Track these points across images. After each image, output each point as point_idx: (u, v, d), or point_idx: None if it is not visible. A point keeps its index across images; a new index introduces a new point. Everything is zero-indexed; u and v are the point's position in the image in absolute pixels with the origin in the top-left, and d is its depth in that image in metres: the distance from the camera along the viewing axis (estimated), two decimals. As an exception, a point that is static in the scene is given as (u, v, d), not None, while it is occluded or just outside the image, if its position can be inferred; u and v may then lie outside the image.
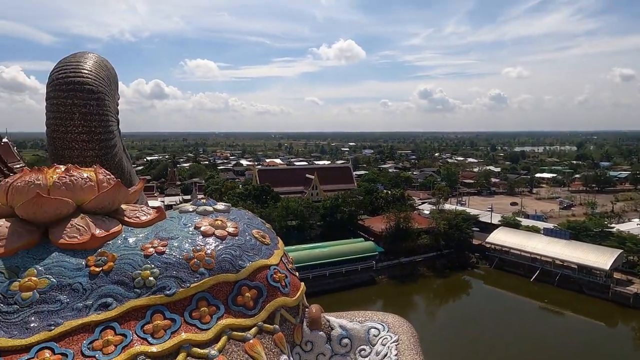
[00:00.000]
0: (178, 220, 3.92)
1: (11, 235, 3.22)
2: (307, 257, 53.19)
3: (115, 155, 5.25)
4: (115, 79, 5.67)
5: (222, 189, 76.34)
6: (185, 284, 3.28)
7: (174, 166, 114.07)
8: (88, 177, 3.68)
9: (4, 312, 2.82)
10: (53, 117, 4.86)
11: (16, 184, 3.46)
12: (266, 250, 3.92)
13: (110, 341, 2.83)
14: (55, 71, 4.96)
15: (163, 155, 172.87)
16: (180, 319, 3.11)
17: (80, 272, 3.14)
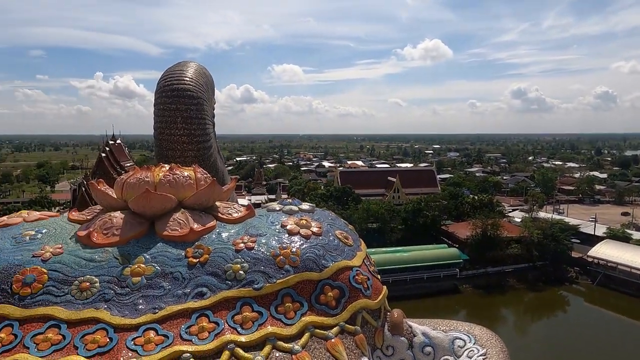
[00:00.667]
0: (266, 218, 4.11)
1: (124, 225, 3.64)
2: (387, 261, 52.43)
3: (211, 156, 5.67)
4: (212, 85, 6.13)
5: (305, 189, 78.40)
6: (272, 279, 3.43)
7: (260, 167, 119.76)
8: (188, 176, 4.03)
9: (118, 294, 3.19)
10: (159, 121, 5.39)
11: (129, 180, 3.90)
12: (349, 251, 3.95)
13: (204, 327, 3.07)
14: (161, 80, 5.50)
15: (251, 156, 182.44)
16: (266, 312, 3.26)
17: (180, 262, 3.45)
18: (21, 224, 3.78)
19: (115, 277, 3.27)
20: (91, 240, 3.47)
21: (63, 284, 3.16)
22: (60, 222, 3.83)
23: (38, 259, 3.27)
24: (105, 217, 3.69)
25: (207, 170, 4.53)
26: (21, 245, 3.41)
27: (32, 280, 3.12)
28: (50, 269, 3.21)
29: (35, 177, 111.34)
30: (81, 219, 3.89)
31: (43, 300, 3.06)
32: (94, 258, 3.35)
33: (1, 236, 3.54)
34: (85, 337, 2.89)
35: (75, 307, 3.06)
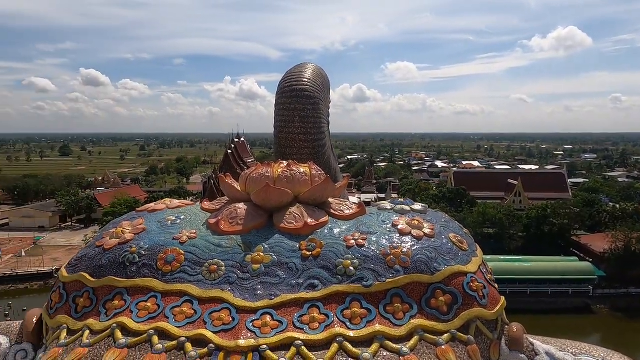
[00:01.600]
0: (377, 216, 4.11)
1: (247, 216, 3.97)
2: (505, 270, 48.42)
3: (325, 154, 5.87)
4: (328, 85, 6.33)
5: (416, 189, 76.42)
6: (382, 278, 3.43)
7: (371, 165, 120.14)
8: (304, 172, 4.23)
9: (240, 278, 3.49)
10: (279, 120, 5.75)
11: (252, 175, 4.24)
12: (463, 256, 3.75)
13: (315, 318, 3.19)
14: (282, 81, 5.86)
15: (362, 155, 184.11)
16: (375, 310, 3.27)
17: (294, 253, 3.64)
18: (165, 210, 4.36)
19: (238, 262, 3.58)
20: (219, 227, 3.86)
21: (196, 264, 3.57)
22: (194, 210, 4.33)
23: (177, 242, 3.74)
24: (231, 208, 4.07)
25: (321, 167, 4.70)
26: (164, 229, 3.94)
27: (172, 260, 3.59)
28: (186, 251, 3.65)
29: (175, 170, 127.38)
30: (211, 208, 4.35)
31: (180, 277, 3.50)
32: (221, 244, 3.72)
33: (149, 219, 4.12)
34: (212, 314, 3.23)
35: (205, 286, 3.43)
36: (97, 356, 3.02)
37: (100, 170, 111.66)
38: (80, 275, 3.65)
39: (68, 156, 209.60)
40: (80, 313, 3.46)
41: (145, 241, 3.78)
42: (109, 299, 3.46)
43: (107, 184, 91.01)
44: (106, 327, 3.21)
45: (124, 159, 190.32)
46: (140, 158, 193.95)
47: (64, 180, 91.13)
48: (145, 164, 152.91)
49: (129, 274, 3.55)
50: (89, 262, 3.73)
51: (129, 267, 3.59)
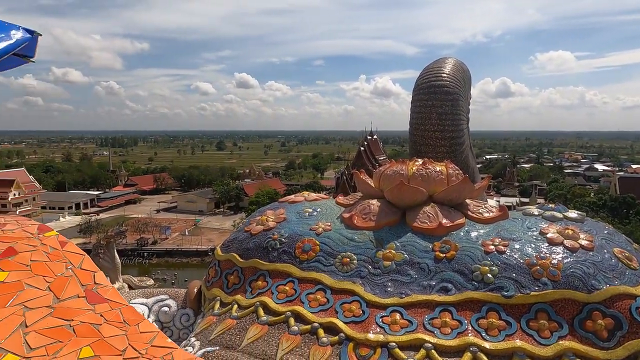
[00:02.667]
0: (521, 222, 3.75)
1: (380, 213, 4.00)
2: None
3: (463, 152, 5.56)
4: (469, 81, 5.97)
5: (568, 195, 67.24)
6: (525, 290, 3.12)
7: (513, 166, 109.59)
8: (440, 171, 4.08)
9: (371, 273, 3.55)
10: (415, 117, 5.64)
11: (386, 172, 4.25)
12: (631, 275, 3.19)
13: (447, 323, 3.07)
14: (419, 77, 5.72)
15: (502, 155, 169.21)
16: (516, 324, 2.99)
17: (427, 254, 3.55)
18: (303, 202, 4.66)
19: (370, 257, 3.64)
20: (352, 222, 3.97)
21: (330, 256, 3.74)
22: (330, 204, 4.54)
23: (313, 232, 3.97)
24: (364, 204, 4.15)
25: (458, 166, 4.47)
26: (302, 219, 4.22)
27: (309, 249, 3.82)
28: (322, 242, 3.85)
29: (311, 165, 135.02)
30: (345, 203, 4.50)
31: (315, 266, 3.71)
32: (354, 238, 3.83)
33: (290, 210, 4.45)
34: (343, 304, 3.35)
35: (337, 277, 3.57)
36: (243, 329, 3.39)
37: (248, 164, 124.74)
38: (232, 255, 4.14)
39: (222, 150, 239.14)
40: (231, 289, 3.93)
41: (285, 230, 4.10)
42: (254, 279, 3.85)
43: (253, 176, 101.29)
44: (251, 304, 3.58)
45: (267, 154, 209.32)
46: (281, 153, 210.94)
47: (219, 172, 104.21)
48: (285, 159, 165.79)
49: (271, 259, 3.90)
50: (239, 245, 4.21)
51: (271, 252, 3.94)
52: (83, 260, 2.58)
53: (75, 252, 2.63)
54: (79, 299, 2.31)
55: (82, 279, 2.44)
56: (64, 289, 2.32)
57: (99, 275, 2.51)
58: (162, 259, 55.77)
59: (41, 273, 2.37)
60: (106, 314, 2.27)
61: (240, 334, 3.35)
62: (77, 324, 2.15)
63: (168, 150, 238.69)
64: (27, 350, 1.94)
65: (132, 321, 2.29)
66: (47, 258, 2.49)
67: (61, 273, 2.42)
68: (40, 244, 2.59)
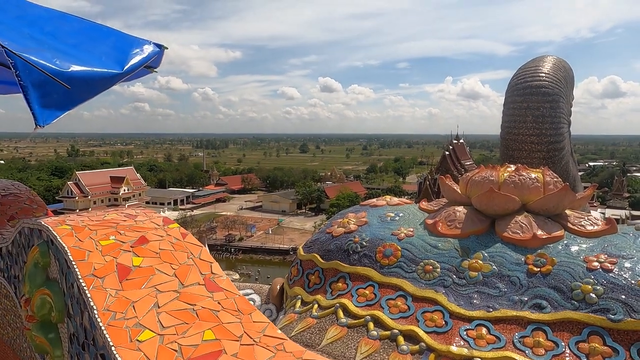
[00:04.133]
0: (634, 238, 3.33)
1: (466, 220, 3.81)
2: None
3: (562, 158, 5.09)
4: (572, 80, 5.46)
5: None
6: (637, 314, 2.76)
7: (623, 175, 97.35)
8: (535, 178, 3.78)
9: (455, 283, 3.39)
10: (508, 119, 5.29)
11: (474, 178, 4.04)
12: None
13: (540, 343, 2.83)
14: (514, 77, 5.36)
15: (609, 162, 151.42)
16: (624, 352, 2.66)
17: (518, 267, 3.30)
18: (385, 206, 4.61)
19: (454, 266, 3.49)
20: (436, 229, 3.84)
21: (411, 262, 3.65)
22: (412, 209, 4.43)
23: (395, 237, 3.91)
24: (449, 210, 3.98)
25: (556, 173, 4.10)
26: (384, 224, 4.18)
27: (390, 254, 3.77)
28: (403, 248, 3.78)
29: (392, 169, 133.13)
30: (429, 208, 4.36)
31: (396, 272, 3.64)
32: (437, 245, 3.69)
33: (371, 214, 4.43)
34: (425, 313, 3.25)
35: (419, 285, 3.47)
36: (322, 329, 3.44)
37: (329, 166, 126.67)
38: (313, 255, 4.23)
39: (305, 153, 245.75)
40: (312, 288, 4.01)
41: (366, 233, 4.09)
42: (334, 280, 3.90)
43: (334, 179, 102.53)
44: (331, 304, 3.63)
45: (349, 157, 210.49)
46: (362, 157, 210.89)
47: (302, 174, 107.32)
48: (366, 162, 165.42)
49: (352, 261, 3.92)
50: (320, 246, 4.29)
51: (352, 255, 3.96)
52: (201, 251, 2.83)
53: (194, 244, 2.89)
54: (200, 286, 2.52)
55: (202, 268, 2.67)
56: (187, 276, 2.55)
57: (215, 266, 2.73)
58: (247, 255, 58.83)
59: (168, 260, 2.63)
60: (223, 302, 2.45)
61: (320, 333, 3.41)
62: (199, 308, 2.34)
63: (255, 152, 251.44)
64: (160, 329, 2.15)
65: (245, 310, 2.46)
66: (172, 247, 2.76)
67: (184, 262, 2.66)
68: (166, 235, 2.89)
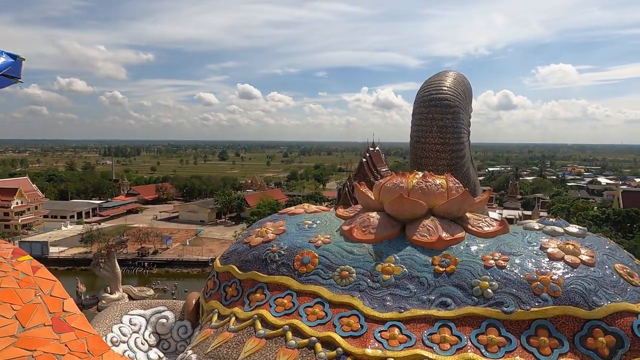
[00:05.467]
0: (522, 236, 3.73)
1: (379, 226, 3.98)
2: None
3: (464, 165, 5.56)
4: (470, 94, 6.00)
5: (571, 208, 66.92)
6: (525, 305, 3.09)
7: (516, 179, 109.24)
8: (440, 184, 4.07)
9: (370, 287, 3.52)
10: (416, 129, 5.66)
11: (386, 185, 4.24)
12: (633, 292, 3.16)
13: (446, 339, 3.03)
14: (421, 90, 5.76)
15: (505, 167, 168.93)
16: (516, 340, 2.96)
17: (426, 268, 3.52)
18: (303, 214, 4.65)
19: (369, 271, 3.62)
20: (352, 235, 3.96)
21: (329, 269, 3.72)
22: (330, 216, 4.52)
23: (312, 245, 3.96)
24: (364, 216, 4.13)
25: (459, 179, 4.46)
26: (302, 232, 4.21)
27: (307, 261, 3.80)
28: (321, 255, 3.83)
29: (313, 176, 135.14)
30: (345, 215, 4.49)
31: (313, 279, 3.68)
32: (353, 251, 3.81)
33: (289, 222, 4.44)
34: (342, 318, 3.32)
35: (336, 290, 3.54)
36: (240, 342, 3.36)
37: (250, 174, 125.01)
38: (230, 267, 4.12)
39: (225, 161, 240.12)
40: (229, 301, 3.90)
41: (285, 242, 4.08)
42: (252, 291, 3.83)
43: (255, 187, 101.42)
44: (249, 316, 3.55)
45: (270, 165, 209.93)
46: (283, 164, 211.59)
47: (221, 182, 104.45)
48: (287, 169, 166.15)
49: (270, 271, 3.88)
50: (238, 256, 4.19)
51: (270, 264, 3.92)
52: (54, 286, 2.57)
53: (46, 278, 2.61)
54: (45, 327, 2.28)
55: (51, 307, 2.42)
56: (30, 318, 2.30)
57: (68, 303, 2.49)
58: (162, 269, 55.60)
59: (9, 300, 2.35)
60: (71, 344, 2.24)
61: (237, 347, 3.32)
62: (39, 354, 2.12)
63: (171, 160, 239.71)
64: None
65: (96, 351, 2.27)
66: (17, 285, 2.47)
67: (29, 300, 2.40)
68: (12, 270, 2.57)
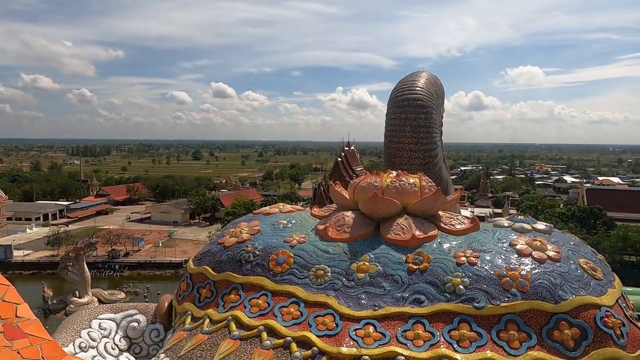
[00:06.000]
0: (492, 234, 3.83)
1: (354, 225, 4.01)
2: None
3: (436, 165, 5.66)
4: (443, 94, 6.11)
5: (539, 206, 69.21)
6: (495, 301, 3.17)
7: (487, 178, 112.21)
8: (413, 183, 4.13)
9: (345, 286, 3.54)
10: (389, 129, 5.72)
11: (361, 184, 4.27)
12: (596, 286, 3.29)
13: (420, 335, 3.08)
14: (394, 90, 5.82)
15: (476, 166, 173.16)
16: (487, 335, 3.03)
17: (400, 266, 3.57)
18: (278, 213, 4.63)
19: (344, 270, 3.63)
20: (327, 234, 3.97)
21: (304, 268, 3.71)
22: (304, 216, 4.52)
23: (288, 244, 3.94)
24: (339, 215, 4.15)
25: (431, 178, 4.54)
26: (277, 231, 4.18)
27: (282, 261, 3.78)
28: (296, 254, 3.82)
29: (288, 176, 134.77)
30: (320, 214, 4.49)
31: (289, 279, 3.67)
32: (328, 250, 3.82)
33: (264, 222, 4.41)
34: (317, 318, 3.32)
35: (311, 290, 3.54)
36: (214, 344, 3.31)
37: (224, 174, 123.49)
38: (204, 268, 4.06)
39: (199, 160, 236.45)
40: (203, 302, 3.84)
41: (259, 242, 4.05)
42: (226, 292, 3.78)
43: (229, 187, 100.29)
44: (223, 318, 3.51)
45: (244, 164, 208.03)
46: (258, 163, 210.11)
47: (195, 182, 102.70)
48: (262, 169, 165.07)
49: (244, 272, 3.84)
50: (212, 257, 4.13)
51: (245, 265, 3.89)
52: (7, 291, 2.46)
53: None
54: None
55: (3, 313, 2.32)
56: None
57: (22, 308, 2.39)
58: (134, 271, 54.29)
59: None
60: (24, 351, 2.15)
61: (211, 349, 3.27)
62: None
63: (142, 159, 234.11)
64: None
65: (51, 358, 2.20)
66: None
67: None
68: None
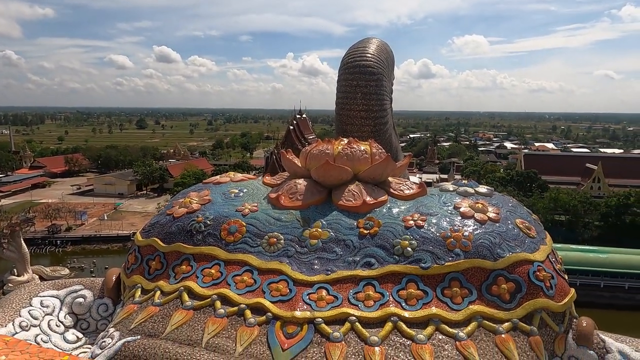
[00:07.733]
0: (438, 198, 3.99)
1: (306, 192, 4.02)
2: (576, 261, 45.26)
3: (387, 131, 5.75)
4: (393, 61, 6.14)
5: (481, 171, 73.13)
6: (440, 260, 3.35)
7: (434, 145, 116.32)
8: (364, 150, 4.18)
9: (298, 252, 3.58)
10: (341, 96, 5.70)
11: (312, 151, 4.26)
12: (530, 243, 3.55)
13: (370, 296, 3.20)
14: (345, 57, 5.76)
15: (425, 134, 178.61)
16: (432, 293, 3.21)
17: (352, 231, 3.65)
18: (229, 183, 4.55)
19: (297, 237, 3.67)
20: (279, 202, 3.96)
21: (256, 237, 3.71)
22: (256, 184, 4.47)
23: (239, 214, 3.90)
24: (291, 183, 4.15)
25: (382, 145, 4.61)
26: (228, 201, 4.12)
27: (235, 230, 3.75)
28: (248, 223, 3.80)
29: (239, 145, 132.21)
30: (272, 183, 4.46)
31: (241, 248, 3.66)
32: (280, 218, 3.82)
33: (215, 191, 4.32)
34: (270, 284, 3.35)
35: (265, 257, 3.56)
36: (166, 315, 3.27)
37: (172, 143, 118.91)
38: (153, 240, 3.94)
39: (144, 129, 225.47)
40: (153, 275, 3.75)
41: (210, 212, 3.98)
42: (178, 263, 3.71)
43: (178, 157, 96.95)
44: (175, 289, 3.46)
45: (193, 133, 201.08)
46: (207, 132, 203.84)
47: (140, 152, 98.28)
48: (212, 138, 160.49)
49: (196, 242, 3.78)
50: (161, 229, 4.01)
51: (196, 235, 3.81)
52: None
53: None
54: None
55: None
56: None
57: None
58: (78, 246, 51.96)
59: None
60: None
61: (163, 320, 3.23)
62: None
63: (81, 129, 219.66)
64: None
65: None
66: None
67: None
68: None
